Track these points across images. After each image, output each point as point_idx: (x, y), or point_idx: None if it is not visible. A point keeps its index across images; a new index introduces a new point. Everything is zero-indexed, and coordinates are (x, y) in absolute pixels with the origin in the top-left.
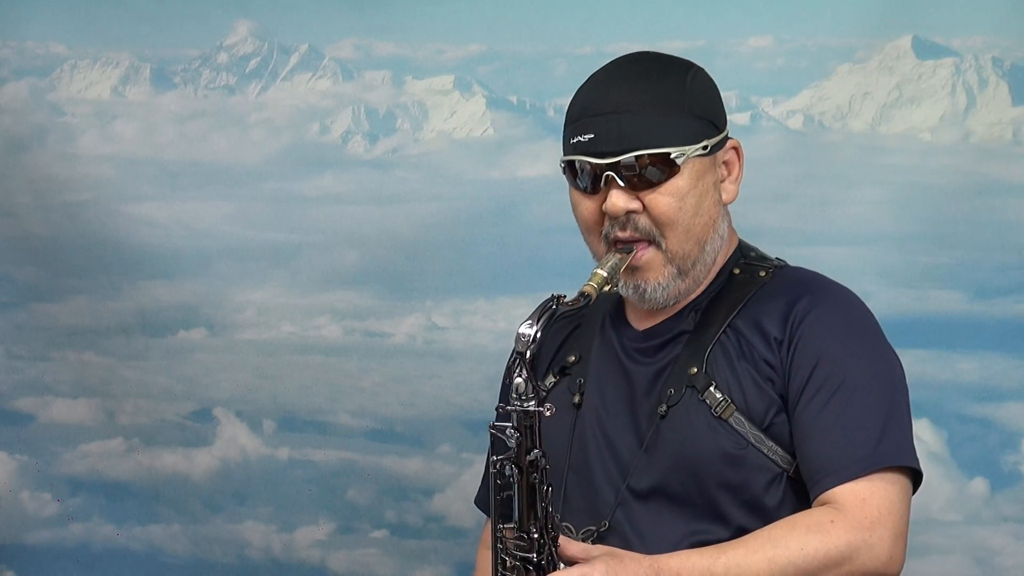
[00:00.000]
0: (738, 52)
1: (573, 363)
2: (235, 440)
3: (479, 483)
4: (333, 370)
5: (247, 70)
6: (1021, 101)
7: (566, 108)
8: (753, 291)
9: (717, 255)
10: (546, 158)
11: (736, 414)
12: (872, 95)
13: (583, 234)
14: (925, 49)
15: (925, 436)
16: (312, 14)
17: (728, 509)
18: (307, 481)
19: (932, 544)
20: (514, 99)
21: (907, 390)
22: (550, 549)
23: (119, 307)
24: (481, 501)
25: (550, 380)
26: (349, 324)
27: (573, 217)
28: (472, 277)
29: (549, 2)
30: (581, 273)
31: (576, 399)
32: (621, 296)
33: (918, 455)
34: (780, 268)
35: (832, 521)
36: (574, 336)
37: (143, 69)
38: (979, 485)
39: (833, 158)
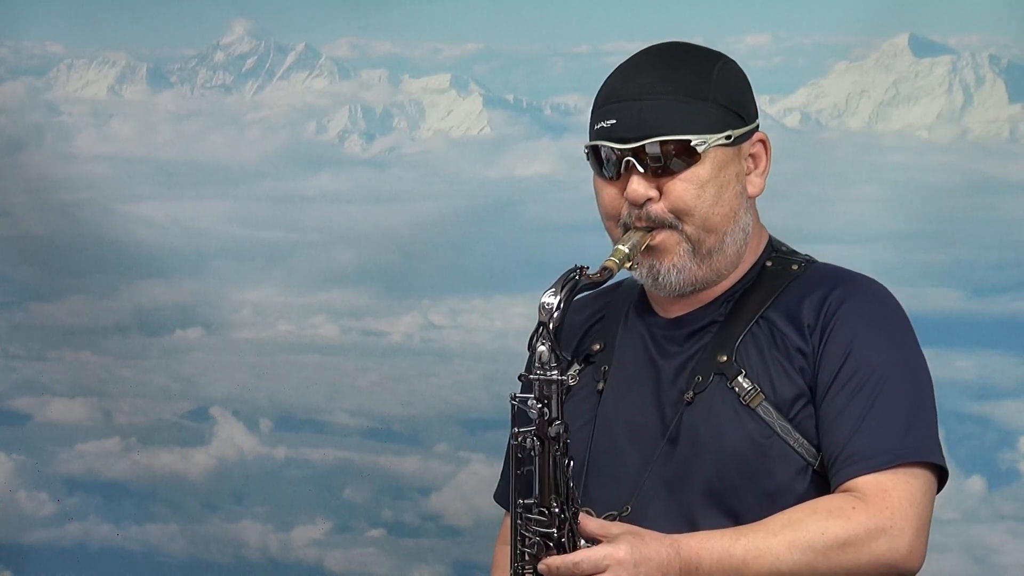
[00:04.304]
0: (735, 50)
1: (598, 351)
2: (232, 439)
3: (477, 482)
4: (330, 369)
5: (243, 69)
6: (1018, 99)
7: (564, 107)
8: (786, 283)
9: (741, 248)
10: (543, 157)
11: (764, 403)
12: (869, 93)
13: (604, 221)
14: (922, 47)
15: None
16: (309, 13)
17: (750, 500)
18: (304, 480)
19: (929, 542)
20: (511, 98)
21: (933, 389)
22: (571, 525)
23: (116, 306)
24: (501, 496)
25: (575, 369)
26: (346, 323)
27: (570, 216)
28: (469, 276)
29: (546, 1)
30: None
31: (600, 386)
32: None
33: None
34: (811, 262)
35: (854, 507)
36: (598, 326)
37: (139, 68)
38: (976, 483)
39: (830, 156)
